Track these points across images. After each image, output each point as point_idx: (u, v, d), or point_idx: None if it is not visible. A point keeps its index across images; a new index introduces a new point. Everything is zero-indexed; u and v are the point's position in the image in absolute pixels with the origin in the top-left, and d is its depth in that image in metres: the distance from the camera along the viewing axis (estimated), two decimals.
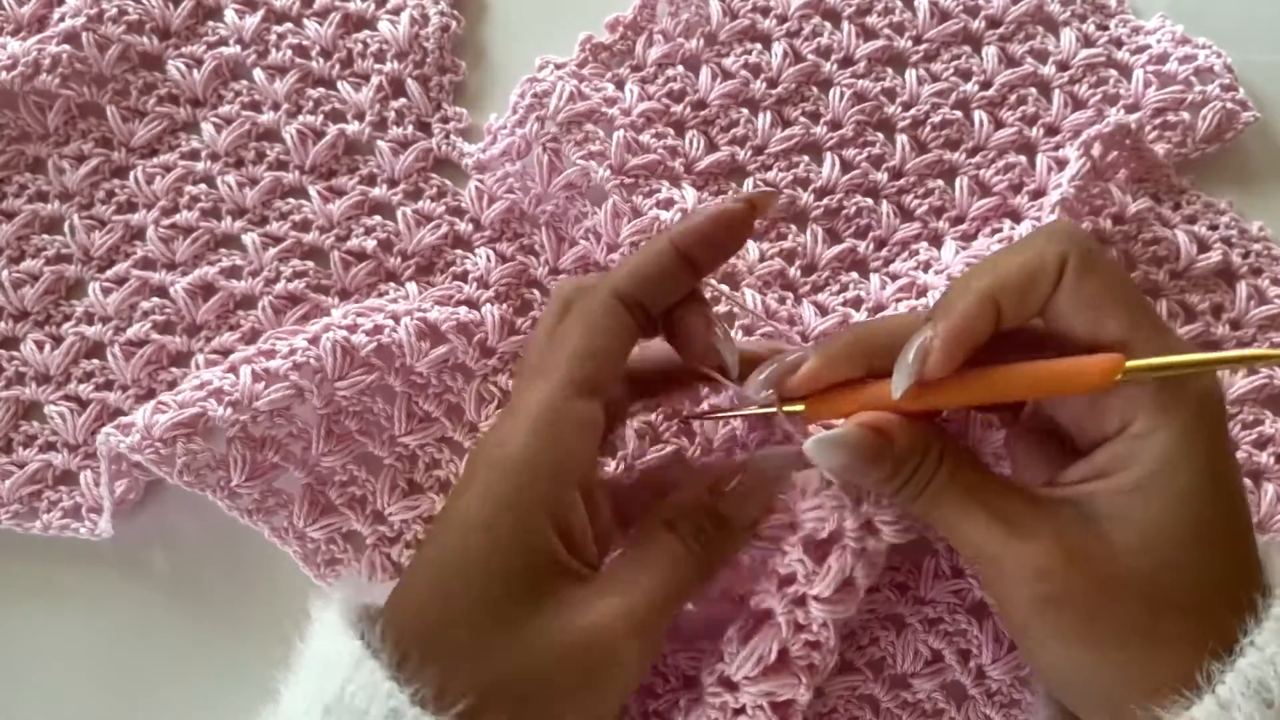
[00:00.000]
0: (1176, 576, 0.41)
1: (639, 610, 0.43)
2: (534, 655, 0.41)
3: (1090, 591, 0.41)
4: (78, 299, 0.58)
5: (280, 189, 0.60)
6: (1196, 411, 0.41)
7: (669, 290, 0.46)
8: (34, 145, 0.60)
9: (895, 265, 0.60)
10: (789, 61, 0.62)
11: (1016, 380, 0.42)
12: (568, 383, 0.44)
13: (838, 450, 0.43)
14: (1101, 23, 0.63)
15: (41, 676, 0.56)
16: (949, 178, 0.61)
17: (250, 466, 0.54)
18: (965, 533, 0.43)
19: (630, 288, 0.45)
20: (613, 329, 0.45)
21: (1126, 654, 0.41)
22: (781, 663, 0.46)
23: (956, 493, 0.43)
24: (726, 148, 0.61)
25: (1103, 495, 0.42)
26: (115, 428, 0.52)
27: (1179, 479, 0.41)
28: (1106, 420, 0.42)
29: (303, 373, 0.52)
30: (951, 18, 0.63)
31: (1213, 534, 0.41)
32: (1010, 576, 0.42)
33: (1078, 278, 0.41)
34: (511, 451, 0.43)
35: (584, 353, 0.44)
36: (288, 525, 0.55)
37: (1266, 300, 0.58)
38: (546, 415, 0.43)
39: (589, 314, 0.45)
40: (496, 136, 0.59)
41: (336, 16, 0.61)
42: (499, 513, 0.42)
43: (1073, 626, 0.41)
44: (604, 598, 0.42)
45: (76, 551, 0.57)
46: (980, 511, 0.43)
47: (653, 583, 0.44)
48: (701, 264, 0.46)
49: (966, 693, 0.54)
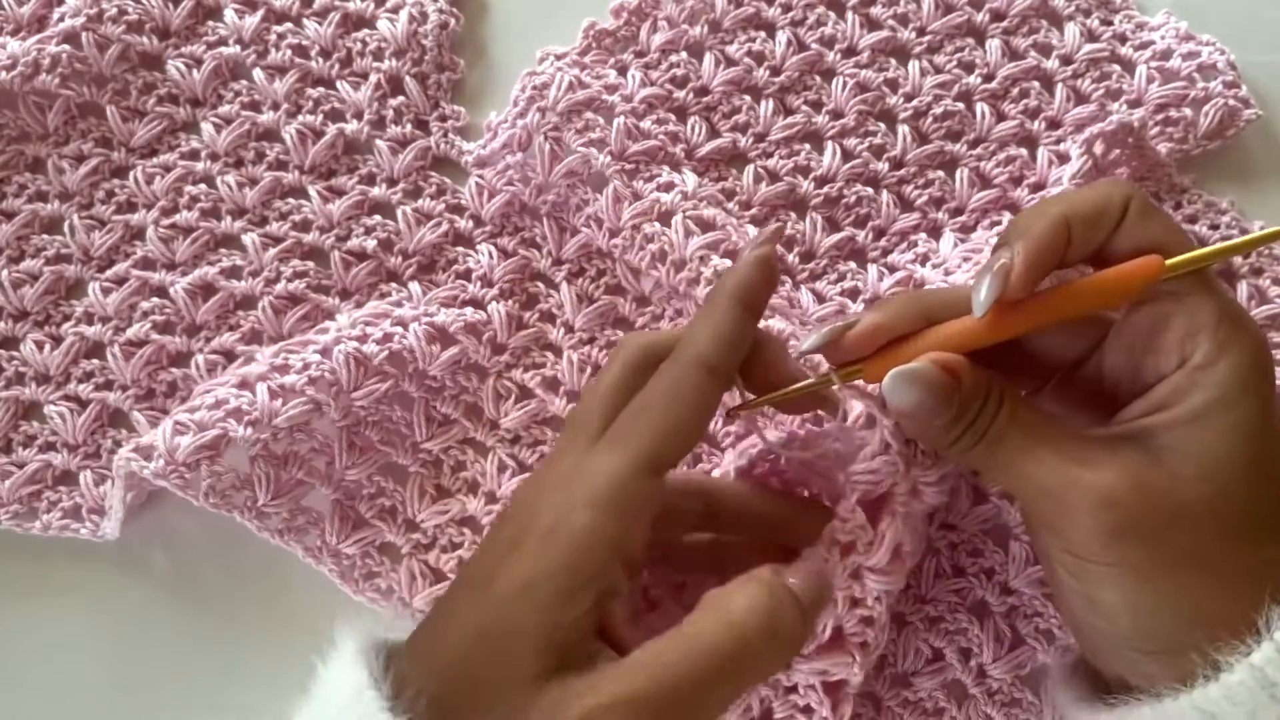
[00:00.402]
0: (1234, 507, 0.41)
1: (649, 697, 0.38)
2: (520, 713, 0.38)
3: (1156, 520, 0.41)
4: (78, 299, 0.58)
5: (280, 189, 0.60)
6: (1253, 351, 0.42)
7: (745, 349, 0.45)
8: (34, 145, 0.60)
9: (893, 256, 0.60)
10: (792, 50, 0.62)
11: (1073, 296, 0.42)
12: (645, 460, 0.41)
13: (914, 385, 0.42)
14: (1106, 18, 0.63)
15: (41, 676, 0.56)
16: (949, 169, 0.61)
17: (276, 485, 0.54)
18: (1028, 470, 0.42)
19: (720, 357, 0.43)
20: (699, 405, 0.43)
21: (1188, 585, 0.41)
22: (836, 640, 0.46)
23: (1018, 433, 0.43)
24: (728, 134, 0.61)
25: (1162, 426, 0.42)
26: (135, 451, 0.51)
27: (1237, 410, 0.41)
28: (1163, 359, 0.43)
29: (318, 386, 0.52)
30: (956, 10, 0.63)
31: (1269, 468, 0.41)
32: (1076, 508, 0.41)
33: (1140, 218, 0.42)
34: (575, 528, 0.40)
35: (668, 430, 0.42)
36: (320, 544, 0.55)
37: (1267, 300, 0.58)
38: (616, 494, 0.41)
39: (677, 386, 0.43)
40: (497, 131, 0.59)
41: (336, 16, 0.61)
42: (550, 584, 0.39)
43: (1139, 555, 0.41)
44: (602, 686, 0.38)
45: (76, 551, 0.57)
46: (1042, 447, 0.42)
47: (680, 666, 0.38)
48: (759, 313, 0.45)
49: (967, 691, 0.54)
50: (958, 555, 0.54)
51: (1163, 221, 0.43)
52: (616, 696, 0.37)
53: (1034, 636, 0.53)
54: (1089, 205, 0.42)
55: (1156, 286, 0.42)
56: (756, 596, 0.40)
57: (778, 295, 0.57)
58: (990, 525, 0.54)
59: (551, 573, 0.39)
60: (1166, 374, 0.43)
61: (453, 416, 0.57)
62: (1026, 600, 0.54)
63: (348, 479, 0.55)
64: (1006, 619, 0.54)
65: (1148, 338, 0.43)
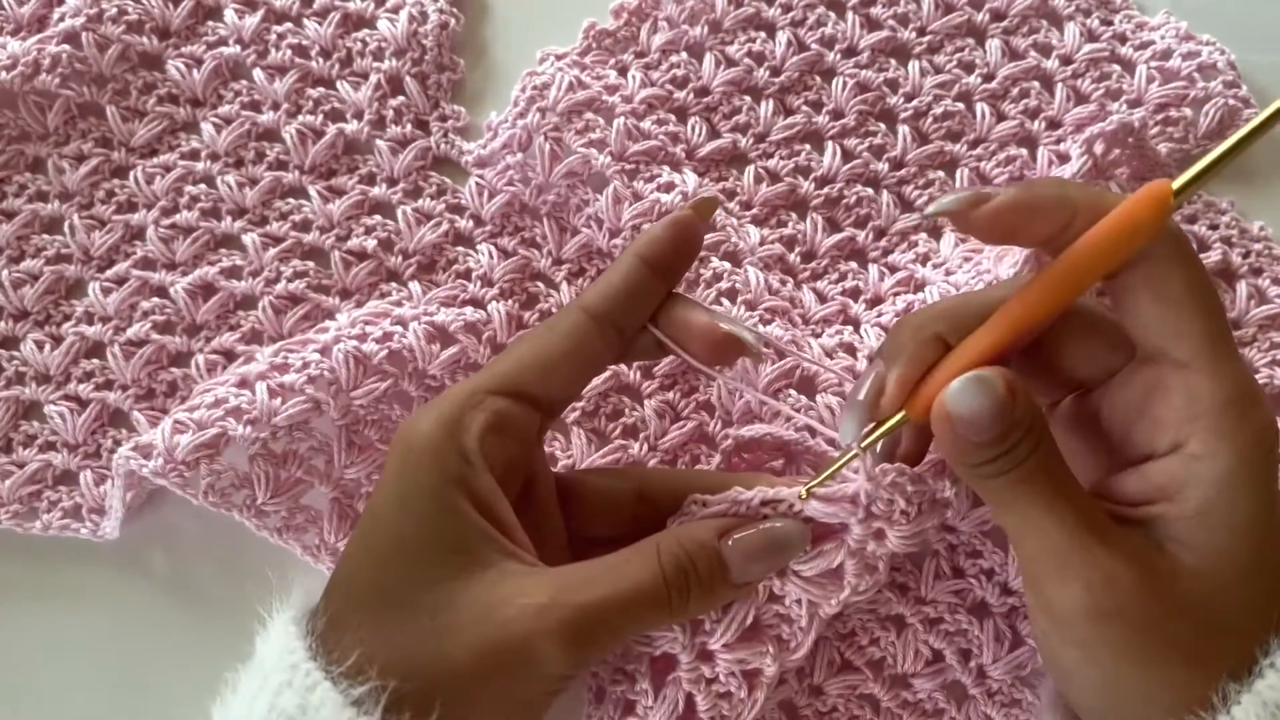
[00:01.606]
0: (1230, 603, 0.40)
1: (575, 618, 0.41)
2: (448, 642, 0.41)
3: (1151, 607, 0.40)
4: (78, 299, 0.58)
5: (280, 189, 0.60)
6: (1256, 442, 0.40)
7: (642, 304, 0.46)
8: (34, 145, 0.60)
9: (894, 256, 0.60)
10: (792, 50, 0.62)
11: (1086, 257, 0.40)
12: (497, 380, 0.44)
13: (983, 392, 0.40)
14: (1105, 18, 0.63)
15: (41, 677, 0.56)
16: (950, 169, 0.61)
17: (275, 483, 0.53)
18: (1042, 522, 0.41)
19: (600, 304, 0.45)
20: (569, 343, 0.45)
21: (1170, 673, 0.40)
22: (754, 630, 0.46)
23: (1044, 479, 0.41)
24: (728, 135, 0.61)
25: (1167, 519, 0.41)
26: (134, 450, 0.52)
27: (1240, 508, 0.40)
28: (1158, 434, 0.41)
29: (318, 385, 0.52)
30: (956, 10, 0.63)
31: (1268, 565, 0.40)
32: (1076, 576, 0.40)
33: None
34: (420, 435, 0.43)
35: (527, 358, 0.45)
36: (319, 542, 0.55)
37: (1267, 300, 0.58)
38: (456, 404, 0.43)
39: (550, 325, 0.46)
40: (497, 131, 0.59)
41: (336, 16, 0.61)
42: (411, 491, 0.42)
43: (1128, 640, 0.40)
44: (536, 595, 0.41)
45: (76, 551, 0.57)
46: (1063, 504, 0.41)
47: (604, 592, 0.42)
48: (667, 273, 0.46)
49: (967, 692, 0.54)
50: (957, 556, 0.54)
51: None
52: (549, 612, 0.40)
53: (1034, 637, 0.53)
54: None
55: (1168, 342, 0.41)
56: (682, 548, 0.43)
57: (778, 297, 0.57)
58: (989, 527, 0.54)
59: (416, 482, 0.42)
60: (1159, 451, 0.41)
61: None
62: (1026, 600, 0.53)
63: (347, 478, 0.55)
64: (1006, 620, 0.54)
65: (1143, 402, 0.42)
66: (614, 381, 0.57)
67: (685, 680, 0.45)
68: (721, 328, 0.45)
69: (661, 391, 0.57)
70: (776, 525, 0.46)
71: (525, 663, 0.41)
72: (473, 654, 0.40)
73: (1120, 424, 0.44)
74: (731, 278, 0.56)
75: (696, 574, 0.44)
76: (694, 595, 0.44)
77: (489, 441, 0.43)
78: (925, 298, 0.56)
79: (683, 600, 0.43)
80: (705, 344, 0.46)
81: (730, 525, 0.46)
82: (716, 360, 0.46)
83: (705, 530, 0.45)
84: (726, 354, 0.46)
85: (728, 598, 0.46)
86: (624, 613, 0.42)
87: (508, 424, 0.44)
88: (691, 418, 0.56)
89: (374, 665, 0.40)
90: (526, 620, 0.41)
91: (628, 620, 0.43)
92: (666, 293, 0.47)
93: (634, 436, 0.56)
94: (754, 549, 0.45)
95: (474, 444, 0.43)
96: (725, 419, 0.56)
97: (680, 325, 0.46)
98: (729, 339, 0.45)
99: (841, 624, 0.54)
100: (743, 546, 0.45)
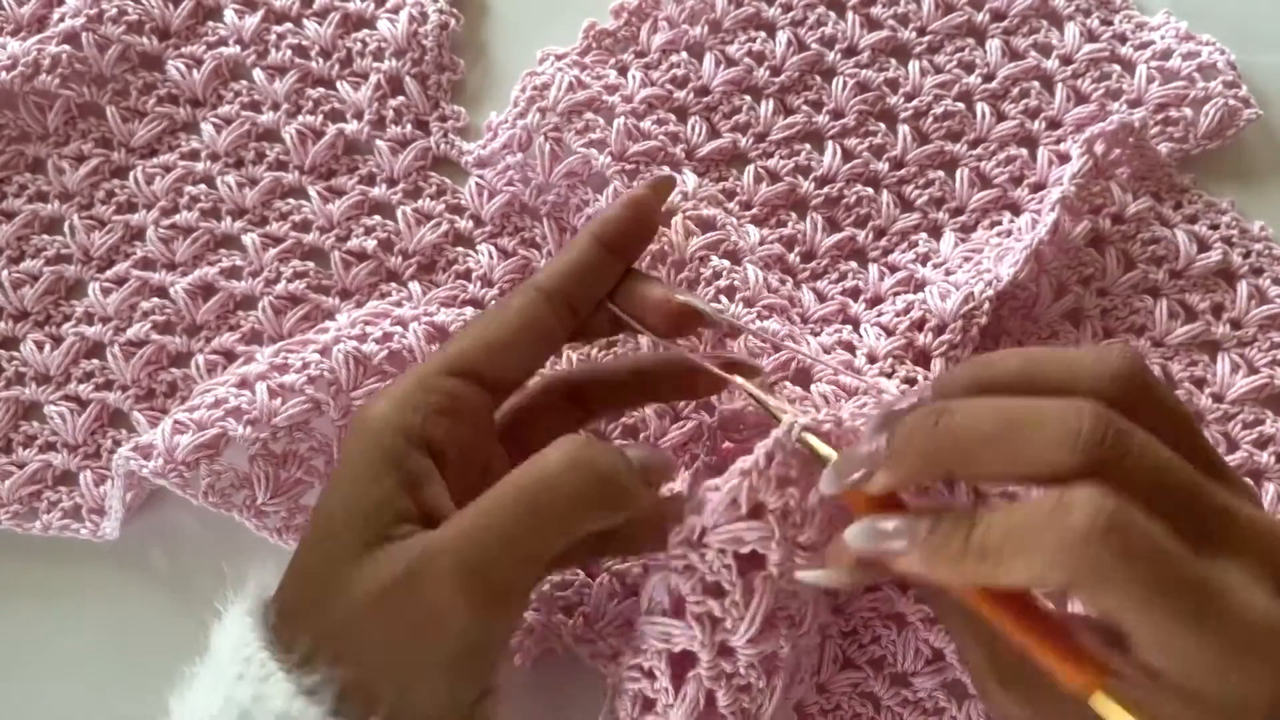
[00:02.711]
0: None
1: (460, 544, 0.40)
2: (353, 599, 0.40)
3: None
4: (78, 299, 0.58)
5: (280, 189, 0.60)
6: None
7: (596, 282, 0.47)
8: (34, 145, 0.60)
9: (894, 256, 0.60)
10: (793, 50, 0.62)
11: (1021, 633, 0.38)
12: (450, 361, 0.44)
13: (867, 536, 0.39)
14: (1105, 18, 0.63)
15: (41, 676, 0.56)
16: (950, 169, 0.61)
17: (275, 483, 0.53)
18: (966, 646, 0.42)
19: (553, 282, 0.46)
20: (522, 323, 0.45)
21: None
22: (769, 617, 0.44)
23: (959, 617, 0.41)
24: (728, 134, 0.61)
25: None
26: (134, 450, 0.52)
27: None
28: None
29: (318, 385, 0.52)
30: (956, 10, 0.63)
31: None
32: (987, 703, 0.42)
33: None
34: (370, 415, 0.43)
35: (481, 337, 0.45)
36: None
37: (1267, 300, 0.58)
38: (409, 386, 0.44)
39: (504, 302, 0.46)
40: (497, 131, 0.59)
41: (336, 16, 0.61)
42: (349, 473, 0.42)
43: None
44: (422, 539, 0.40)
45: (76, 551, 0.57)
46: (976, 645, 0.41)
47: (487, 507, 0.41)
48: (623, 252, 0.47)
49: (967, 691, 0.54)
50: None
51: None
52: (432, 545, 0.40)
53: None
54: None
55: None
56: (568, 444, 0.42)
57: (777, 295, 0.57)
58: None
59: (353, 462, 0.43)
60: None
61: None
62: None
63: None
64: None
65: None
66: None
67: (705, 677, 0.45)
68: (676, 299, 0.47)
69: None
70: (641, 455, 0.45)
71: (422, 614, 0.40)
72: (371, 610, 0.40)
73: None
74: (730, 275, 0.56)
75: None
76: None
77: (437, 424, 0.43)
78: (925, 298, 0.56)
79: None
80: (661, 316, 0.47)
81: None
82: (675, 333, 0.48)
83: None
84: (685, 326, 0.47)
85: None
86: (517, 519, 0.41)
87: (460, 405, 0.44)
88: (691, 418, 0.56)
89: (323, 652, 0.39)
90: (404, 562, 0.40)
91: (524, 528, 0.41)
92: (622, 272, 0.48)
93: (634, 436, 0.56)
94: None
95: (419, 425, 0.43)
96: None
97: (636, 300, 0.47)
98: (684, 310, 0.47)
99: (843, 621, 0.54)
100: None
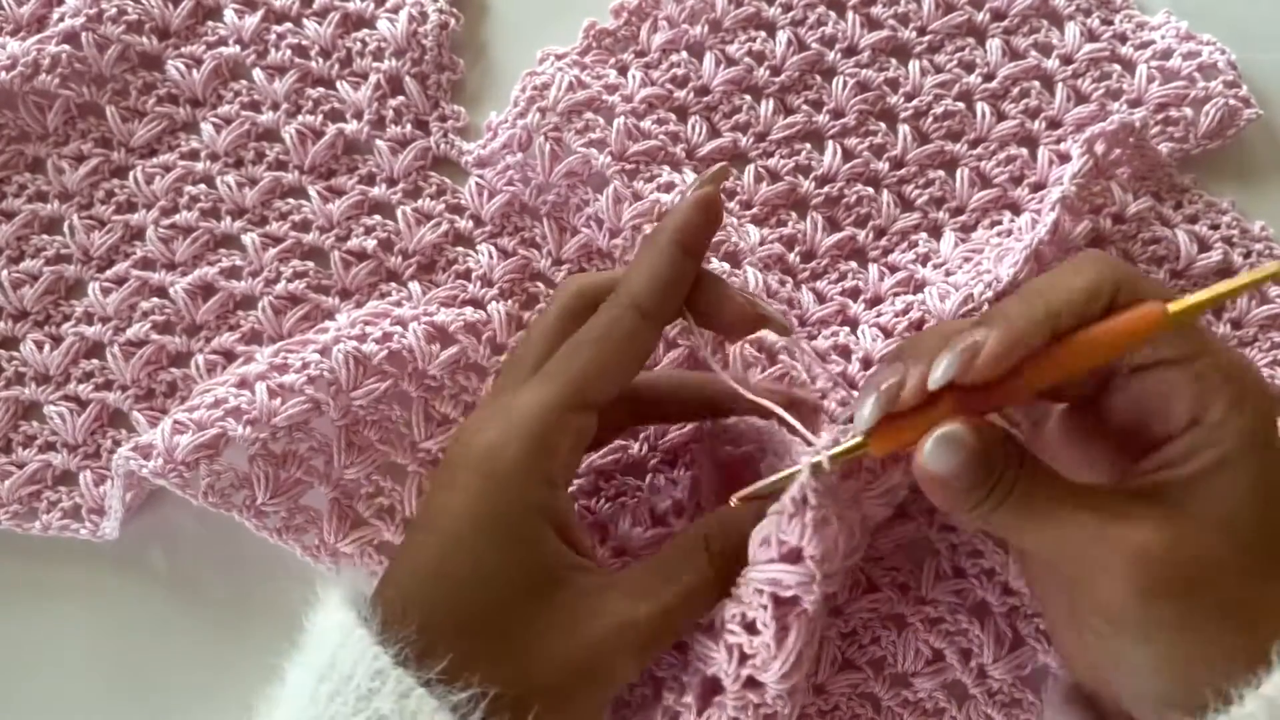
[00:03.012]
0: (1256, 556, 0.41)
1: (649, 625, 0.43)
2: (537, 658, 0.41)
3: (1187, 573, 0.40)
4: (77, 299, 0.58)
5: (280, 189, 0.59)
6: (1262, 408, 0.41)
7: (683, 291, 0.46)
8: (34, 145, 0.60)
9: (894, 256, 0.60)
10: (793, 50, 0.62)
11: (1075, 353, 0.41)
12: (571, 395, 0.44)
13: (956, 448, 0.40)
14: (1106, 17, 0.63)
15: (41, 676, 0.56)
16: (950, 169, 0.61)
17: (274, 484, 0.53)
18: (1057, 529, 0.41)
19: (654, 301, 0.45)
20: (632, 349, 0.45)
21: (1219, 637, 0.40)
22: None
23: (1042, 491, 0.41)
24: (729, 134, 0.61)
25: (1179, 483, 0.41)
26: (134, 450, 0.51)
27: (1251, 464, 0.41)
28: (1174, 421, 0.42)
29: (317, 386, 0.52)
30: (956, 9, 0.63)
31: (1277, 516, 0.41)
32: (1109, 565, 0.40)
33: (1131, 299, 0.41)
34: (506, 460, 0.42)
35: (596, 369, 0.44)
36: (319, 543, 0.55)
37: (1267, 300, 0.58)
38: (542, 426, 0.43)
39: (609, 328, 0.45)
40: (497, 131, 0.59)
41: (336, 16, 0.61)
42: (495, 517, 0.42)
43: (1173, 611, 0.40)
44: (613, 609, 0.42)
45: (76, 551, 0.57)
46: (1070, 502, 0.41)
47: (668, 601, 0.43)
48: (700, 255, 0.46)
49: (968, 692, 0.54)
50: (958, 557, 0.54)
51: (1155, 291, 0.41)
52: (624, 619, 0.42)
53: (1034, 637, 0.53)
54: (1079, 297, 0.41)
55: (1160, 350, 0.41)
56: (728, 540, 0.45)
57: (777, 298, 0.57)
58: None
59: (499, 512, 0.42)
60: (1176, 432, 0.42)
61: (452, 416, 0.57)
62: (1027, 601, 0.53)
63: (346, 478, 0.55)
64: (1007, 620, 0.54)
65: (1157, 401, 0.42)
66: None
67: (731, 706, 0.44)
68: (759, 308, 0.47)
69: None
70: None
71: (606, 675, 0.42)
72: (559, 671, 0.41)
73: (1129, 422, 0.44)
74: (731, 278, 0.56)
75: (739, 560, 0.44)
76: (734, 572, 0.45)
77: (572, 462, 0.44)
78: (925, 298, 0.56)
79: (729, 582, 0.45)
80: (740, 323, 0.47)
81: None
82: (742, 335, 0.48)
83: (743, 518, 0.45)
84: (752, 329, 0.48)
85: None
86: (685, 613, 0.44)
87: (586, 439, 0.45)
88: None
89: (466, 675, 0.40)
90: (610, 640, 0.42)
91: (689, 619, 0.45)
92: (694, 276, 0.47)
93: (634, 437, 0.56)
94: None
95: (561, 469, 0.43)
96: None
97: (713, 303, 0.47)
98: (760, 320, 0.47)
99: (843, 623, 0.54)
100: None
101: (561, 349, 0.45)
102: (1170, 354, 0.41)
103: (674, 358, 0.57)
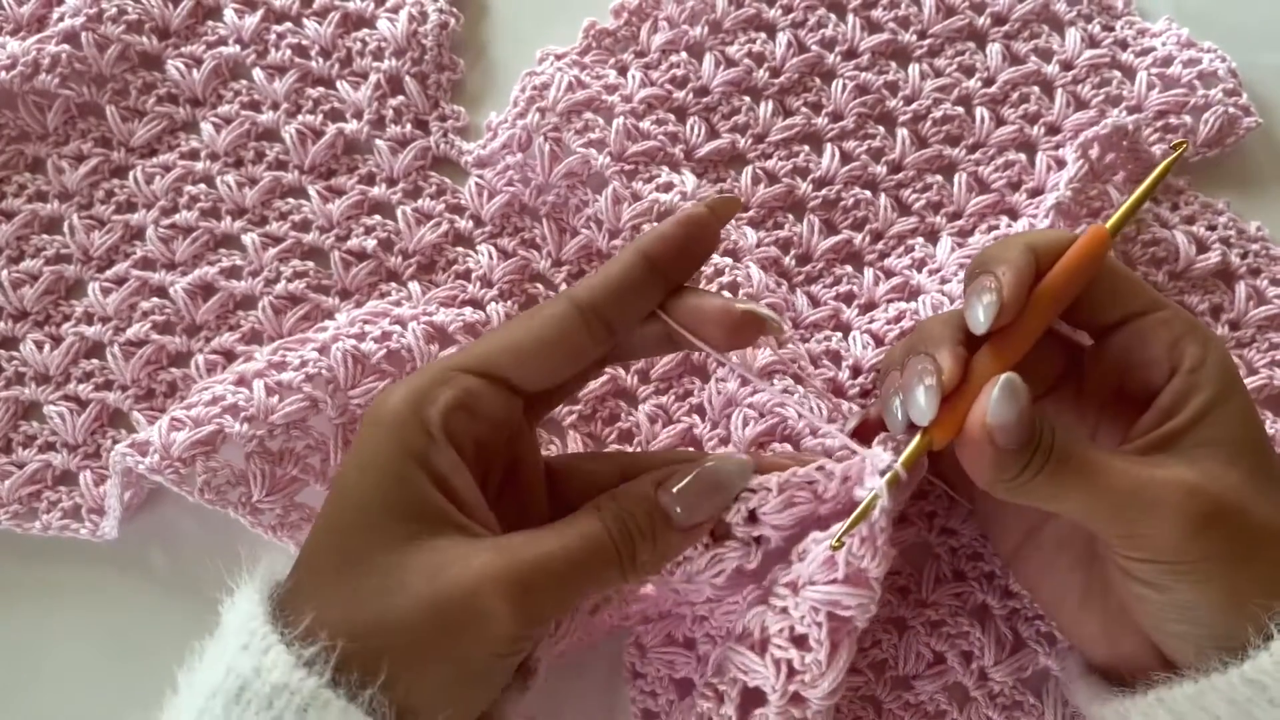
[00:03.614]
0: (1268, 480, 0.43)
1: (520, 572, 0.41)
2: (395, 601, 0.40)
3: (1227, 500, 0.42)
4: (77, 299, 0.58)
5: (280, 189, 0.60)
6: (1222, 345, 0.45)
7: (638, 303, 0.45)
8: (34, 145, 0.59)
9: (890, 260, 0.60)
10: (793, 52, 0.62)
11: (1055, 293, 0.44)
12: (471, 359, 0.44)
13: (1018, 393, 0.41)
14: (1107, 23, 0.63)
15: (42, 676, 0.56)
16: (948, 173, 0.61)
17: (270, 481, 0.53)
18: (1097, 486, 0.42)
19: (589, 297, 0.44)
20: (552, 334, 0.44)
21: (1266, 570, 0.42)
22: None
23: (1078, 455, 0.42)
24: (727, 135, 0.61)
25: (1181, 429, 0.44)
26: (131, 447, 0.51)
27: (1236, 396, 0.44)
28: (1153, 371, 0.45)
29: (315, 384, 0.52)
30: (957, 14, 0.63)
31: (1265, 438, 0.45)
32: (1159, 505, 0.41)
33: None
34: (387, 408, 0.43)
35: (507, 342, 0.44)
36: None
37: (1265, 300, 0.58)
38: (426, 379, 0.43)
39: (535, 311, 0.45)
40: (497, 131, 0.59)
41: (336, 16, 0.61)
42: (371, 461, 0.42)
43: (1224, 544, 0.42)
44: (482, 554, 0.41)
45: (76, 551, 0.57)
46: (1103, 458, 0.42)
47: (550, 550, 0.42)
48: (671, 273, 0.45)
49: (969, 694, 0.54)
50: (958, 560, 0.54)
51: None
52: (494, 566, 0.40)
53: (1035, 639, 0.53)
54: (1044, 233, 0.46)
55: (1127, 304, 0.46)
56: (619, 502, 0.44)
57: (774, 296, 0.57)
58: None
59: (374, 453, 0.43)
60: (1158, 384, 0.44)
61: None
62: (1028, 604, 0.54)
63: None
64: (1008, 622, 0.54)
65: (1133, 354, 0.45)
66: (611, 386, 0.57)
67: (774, 716, 0.44)
68: (739, 307, 0.45)
69: (656, 395, 0.57)
70: (709, 465, 0.45)
71: (472, 618, 0.40)
72: (419, 610, 0.40)
73: (1116, 385, 0.47)
74: (733, 272, 0.56)
75: (637, 524, 0.43)
76: (640, 546, 0.43)
77: (454, 418, 0.43)
78: (918, 306, 0.56)
79: (630, 551, 0.43)
80: (722, 327, 0.45)
81: (666, 475, 0.45)
82: (734, 345, 0.45)
83: (642, 483, 0.45)
84: (745, 336, 0.45)
85: (679, 546, 0.45)
86: (570, 567, 0.42)
87: (477, 403, 0.44)
88: (682, 420, 0.56)
89: (325, 628, 0.40)
90: (471, 574, 0.40)
91: (574, 575, 0.43)
92: (667, 293, 0.45)
93: (629, 441, 0.56)
94: (691, 492, 0.44)
95: (437, 419, 0.42)
96: (713, 421, 0.56)
97: (693, 311, 0.45)
98: (747, 318, 0.45)
99: None
100: (679, 490, 0.44)
101: None
102: (1136, 307, 0.46)
103: (670, 361, 0.57)
